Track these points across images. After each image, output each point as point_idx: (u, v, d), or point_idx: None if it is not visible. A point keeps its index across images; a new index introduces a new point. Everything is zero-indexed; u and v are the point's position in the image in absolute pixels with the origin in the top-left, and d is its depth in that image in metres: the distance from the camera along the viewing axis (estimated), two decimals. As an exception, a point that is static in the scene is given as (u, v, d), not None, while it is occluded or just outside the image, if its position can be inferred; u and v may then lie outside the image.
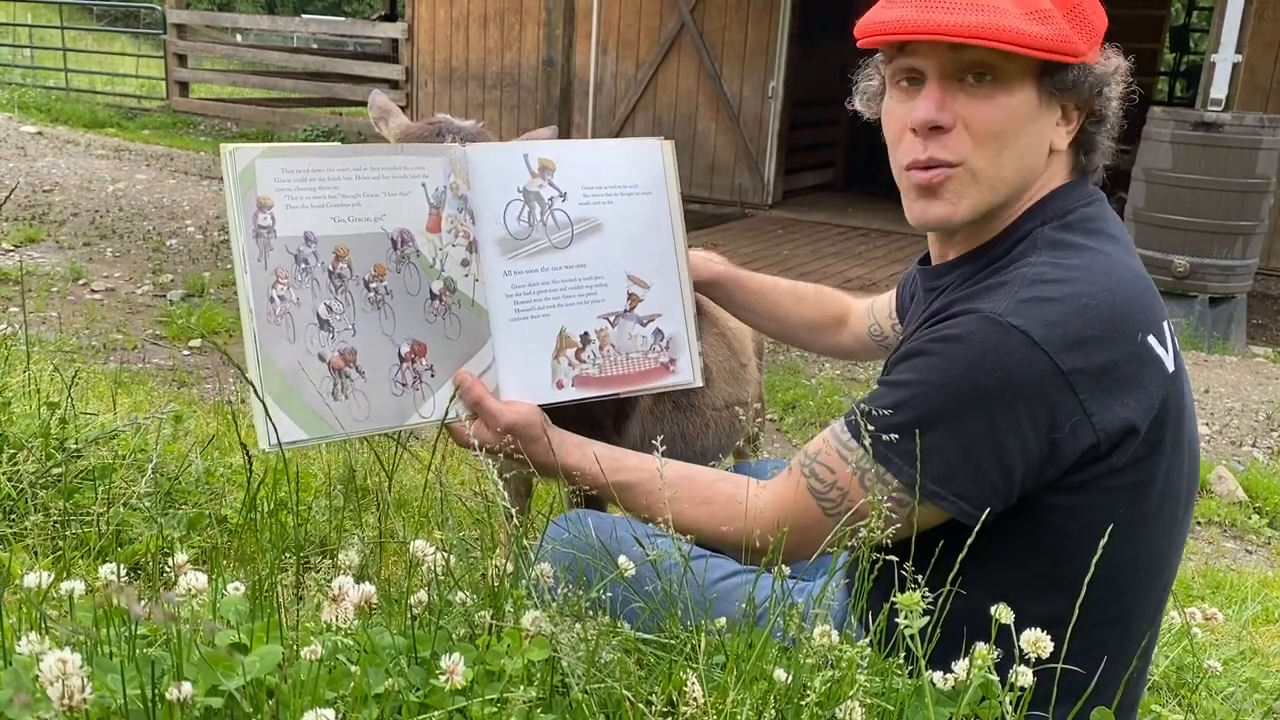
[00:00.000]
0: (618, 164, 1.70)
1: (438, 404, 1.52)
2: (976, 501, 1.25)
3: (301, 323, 1.41)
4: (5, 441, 2.11)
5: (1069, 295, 1.26)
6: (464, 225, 1.55)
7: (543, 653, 1.11)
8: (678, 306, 1.72)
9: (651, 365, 1.70)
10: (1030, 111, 1.32)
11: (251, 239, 1.38)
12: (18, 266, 6.34)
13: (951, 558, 1.19)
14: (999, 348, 1.23)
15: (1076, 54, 1.27)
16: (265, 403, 1.36)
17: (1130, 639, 1.38)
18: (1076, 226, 1.35)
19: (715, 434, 2.23)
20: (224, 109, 14.28)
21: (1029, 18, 1.25)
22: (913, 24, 1.27)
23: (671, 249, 1.72)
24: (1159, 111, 7.06)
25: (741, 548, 1.42)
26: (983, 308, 1.27)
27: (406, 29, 12.55)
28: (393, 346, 1.48)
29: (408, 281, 1.50)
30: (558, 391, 1.62)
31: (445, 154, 1.55)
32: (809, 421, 5.03)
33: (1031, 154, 1.35)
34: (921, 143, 1.34)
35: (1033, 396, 1.23)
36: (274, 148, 1.42)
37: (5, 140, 10.72)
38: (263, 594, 1.21)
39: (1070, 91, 1.30)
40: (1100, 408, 1.24)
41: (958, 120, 1.32)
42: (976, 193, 1.35)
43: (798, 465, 1.39)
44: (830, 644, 1.16)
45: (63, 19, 16.80)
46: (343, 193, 1.45)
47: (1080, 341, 1.23)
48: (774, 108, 10.70)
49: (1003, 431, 1.24)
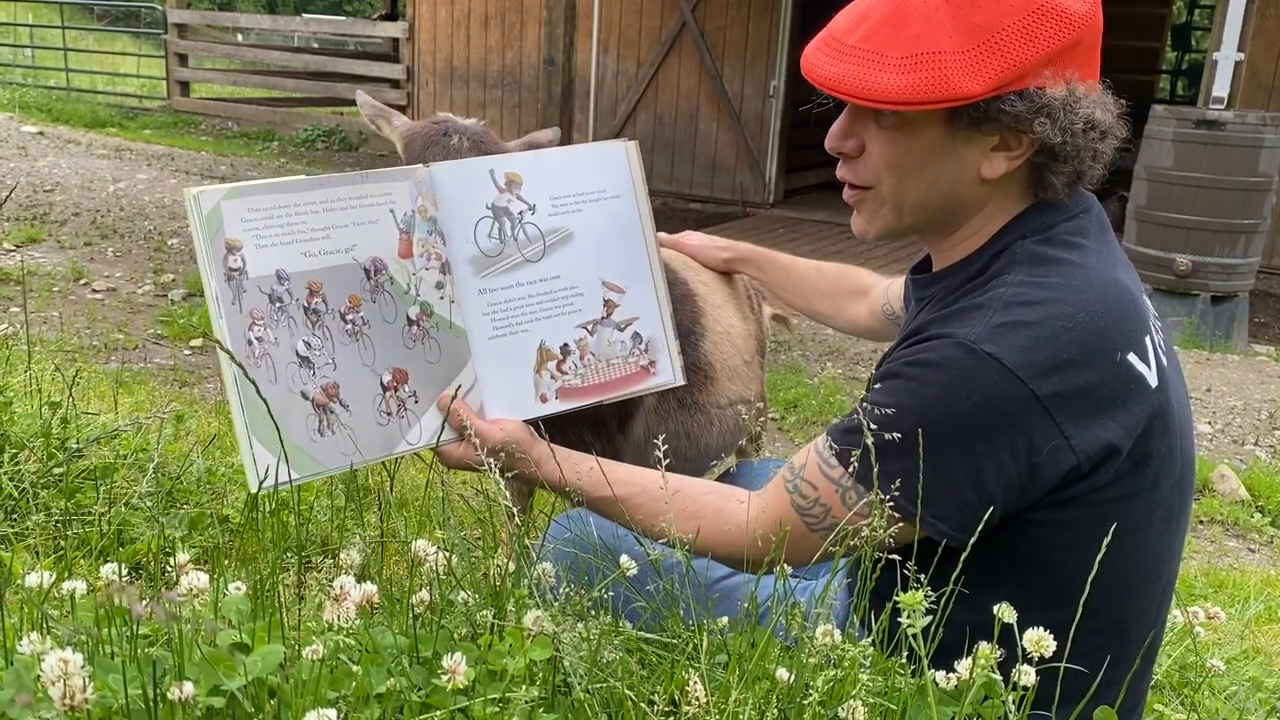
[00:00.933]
0: (584, 171, 1.69)
1: (424, 429, 1.52)
2: (956, 524, 1.26)
3: (282, 362, 1.41)
4: (7, 441, 2.11)
5: (1045, 319, 1.25)
6: (435, 247, 1.55)
7: (545, 652, 1.11)
8: (653, 307, 1.72)
9: (632, 369, 1.71)
10: (937, 145, 1.32)
11: (224, 282, 1.37)
12: (19, 266, 6.34)
13: (948, 566, 1.20)
14: (973, 376, 1.24)
15: (952, 98, 1.24)
16: (252, 445, 1.36)
17: (1130, 644, 1.38)
18: (1057, 240, 1.34)
19: (719, 432, 2.23)
20: (225, 108, 14.29)
21: (902, 64, 1.25)
22: (806, 65, 1.34)
23: (643, 250, 1.72)
24: (1161, 110, 7.05)
25: (729, 559, 1.43)
26: (957, 333, 1.27)
27: (407, 28, 12.55)
28: (374, 377, 1.48)
29: (384, 310, 1.50)
30: (542, 405, 1.62)
31: (410, 177, 1.55)
32: (810, 420, 5.03)
33: (946, 183, 1.35)
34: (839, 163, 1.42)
35: (1009, 424, 1.23)
36: (238, 188, 1.40)
37: (6, 140, 10.73)
38: (264, 594, 1.21)
39: (987, 124, 1.28)
40: (1079, 430, 1.24)
41: (864, 147, 1.37)
42: (886, 214, 1.40)
43: (782, 481, 1.39)
44: (833, 643, 1.15)
45: (64, 19, 16.80)
46: (311, 226, 1.44)
47: (1056, 366, 1.23)
48: (775, 106, 10.71)
49: (980, 457, 1.24)
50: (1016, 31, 1.24)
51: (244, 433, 1.35)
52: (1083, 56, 1.29)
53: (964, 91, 1.24)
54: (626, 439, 2.05)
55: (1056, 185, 1.33)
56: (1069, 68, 1.28)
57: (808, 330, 6.46)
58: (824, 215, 10.43)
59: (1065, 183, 1.33)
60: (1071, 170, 1.33)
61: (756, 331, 2.44)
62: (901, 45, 1.26)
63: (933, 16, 1.25)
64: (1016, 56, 1.24)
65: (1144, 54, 13.76)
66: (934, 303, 1.41)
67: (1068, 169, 1.32)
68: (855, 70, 1.27)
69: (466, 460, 1.51)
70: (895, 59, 1.25)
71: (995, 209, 1.37)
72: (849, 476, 1.30)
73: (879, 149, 1.35)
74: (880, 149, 1.35)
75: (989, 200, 1.37)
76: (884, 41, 1.27)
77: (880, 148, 1.35)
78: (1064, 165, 1.32)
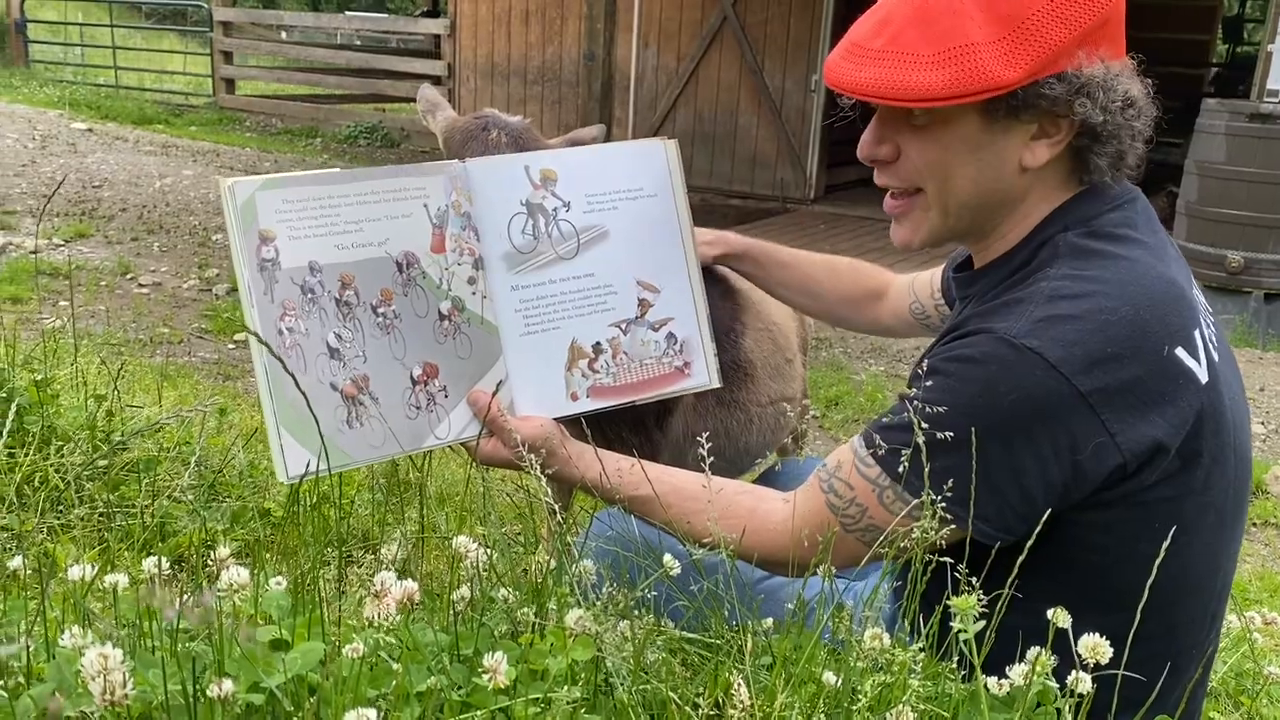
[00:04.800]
0: (621, 168, 1.67)
1: (453, 424, 1.51)
2: (998, 524, 1.23)
3: (312, 353, 1.40)
4: (54, 433, 2.13)
5: (1088, 312, 1.22)
6: (469, 242, 1.54)
7: (587, 652, 1.09)
8: (689, 308, 1.70)
9: (666, 370, 1.68)
10: (975, 139, 1.29)
11: (257, 273, 1.37)
12: (68, 261, 6.44)
13: (994, 569, 1.16)
14: (1014, 371, 1.21)
15: (990, 88, 1.22)
16: (280, 436, 1.36)
17: (1181, 650, 1.34)
18: (1102, 232, 1.30)
19: (759, 430, 2.20)
20: (269, 105, 14.43)
21: (934, 60, 1.23)
22: (831, 73, 1.31)
23: (680, 250, 1.70)
24: (1213, 103, 6.90)
25: (763, 561, 1.40)
26: (997, 328, 1.24)
27: (449, 25, 12.59)
28: (404, 370, 1.48)
29: (415, 304, 1.49)
30: (573, 404, 1.61)
31: (445, 172, 1.54)
32: (852, 419, 4.98)
33: (988, 177, 1.32)
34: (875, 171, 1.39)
35: (1051, 420, 1.20)
36: (273, 179, 1.40)
37: (56, 137, 10.91)
38: (304, 590, 1.21)
39: (1025, 111, 1.26)
40: (1124, 427, 1.20)
41: (899, 151, 1.34)
42: (933, 218, 1.37)
43: (817, 481, 1.37)
44: (881, 646, 1.12)
45: (112, 18, 17.06)
46: (345, 219, 1.44)
47: (1100, 360, 1.20)
48: (817, 101, 10.61)
49: (1021, 456, 1.21)
50: (1046, 15, 1.22)
51: (273, 423, 1.35)
52: (1111, 33, 1.27)
53: (1001, 80, 1.22)
54: (665, 436, 2.02)
55: (1101, 167, 1.30)
56: (1100, 46, 1.26)
57: (849, 327, 6.39)
58: (865, 211, 10.32)
59: (1109, 164, 1.31)
60: (1114, 151, 1.30)
61: (798, 328, 2.40)
62: (931, 42, 1.24)
63: (959, 10, 1.23)
64: (1050, 39, 1.22)
65: (1194, 46, 13.50)
66: (976, 300, 1.39)
67: (1110, 149, 1.29)
68: (887, 73, 1.25)
69: (496, 456, 1.50)
70: (926, 56, 1.23)
71: (1037, 199, 1.34)
72: (886, 475, 1.28)
73: (916, 150, 1.33)
74: (917, 150, 1.33)
75: (1031, 191, 1.34)
76: (912, 41, 1.25)
77: (917, 149, 1.33)
78: (1106, 146, 1.29)
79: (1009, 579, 1.16)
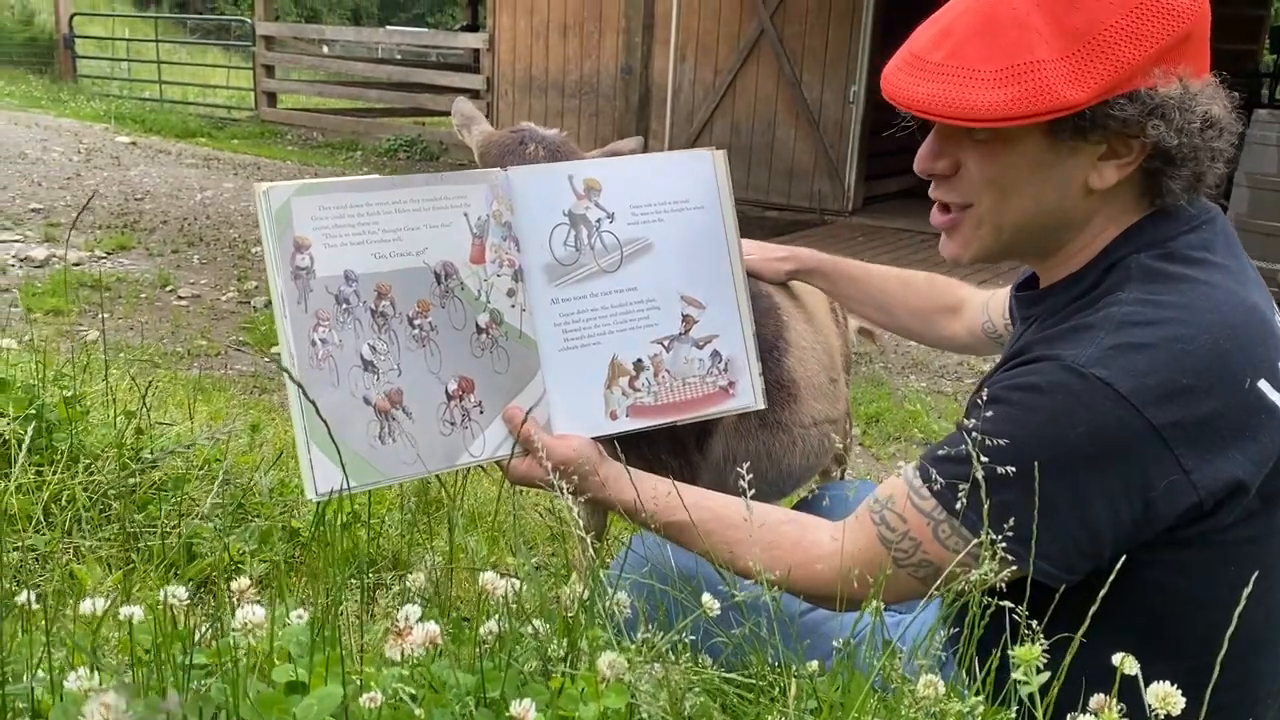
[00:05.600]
0: (667, 179, 1.62)
1: (488, 441, 1.46)
2: (1061, 564, 1.16)
3: (345, 366, 1.35)
4: (82, 451, 2.10)
5: (1163, 340, 1.14)
6: (509, 253, 1.49)
7: (620, 700, 1.03)
8: (735, 326, 1.63)
9: (710, 390, 1.62)
10: (1039, 158, 1.22)
11: (290, 281, 1.33)
12: (108, 273, 6.50)
13: (1049, 608, 1.09)
14: (1082, 403, 1.13)
15: (1056, 109, 1.14)
16: (310, 451, 1.31)
17: (1258, 702, 1.26)
18: (1178, 254, 1.22)
19: (803, 452, 2.12)
20: (310, 119, 14.56)
21: (997, 78, 1.15)
22: (889, 87, 1.25)
23: (727, 265, 1.64)
24: (1264, 114, 6.75)
25: (808, 594, 1.33)
26: (1065, 355, 1.16)
27: (488, 39, 12.64)
28: (439, 384, 1.42)
29: (452, 316, 1.44)
30: (612, 423, 1.55)
31: (487, 180, 1.49)
32: (893, 436, 4.88)
33: (1050, 198, 1.24)
34: (932, 184, 1.32)
35: (1121, 456, 1.12)
36: (309, 184, 1.36)
37: (101, 150, 11.06)
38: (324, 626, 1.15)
39: (1093, 132, 1.18)
40: (1201, 464, 1.12)
41: (959, 165, 1.27)
42: (985, 235, 1.30)
43: (868, 511, 1.29)
44: (936, 695, 1.05)
45: (158, 33, 17.32)
46: (383, 228, 1.39)
47: (1176, 393, 1.12)
48: (855, 112, 10.52)
49: (1088, 492, 1.14)
50: (1120, 31, 1.14)
51: (303, 438, 1.31)
52: (1193, 50, 1.19)
53: (1068, 100, 1.14)
54: (704, 458, 1.96)
55: (1175, 190, 1.22)
56: (1180, 63, 1.17)
57: (890, 341, 6.30)
58: (904, 223, 10.21)
59: (1184, 187, 1.22)
60: (1190, 173, 1.21)
61: (843, 346, 2.33)
62: (994, 58, 1.16)
63: (1025, 24, 1.15)
64: (1122, 58, 1.14)
65: (1240, 57, 13.25)
66: (1039, 322, 1.31)
67: (1185, 172, 1.21)
68: (947, 89, 1.18)
69: (532, 476, 1.44)
70: (989, 73, 1.16)
71: (1105, 221, 1.26)
72: (942, 509, 1.20)
73: (975, 166, 1.26)
74: (977, 165, 1.26)
75: (1097, 213, 1.26)
76: (975, 56, 1.18)
77: (977, 164, 1.26)
78: (1181, 169, 1.20)
79: (1075, 623, 1.08)
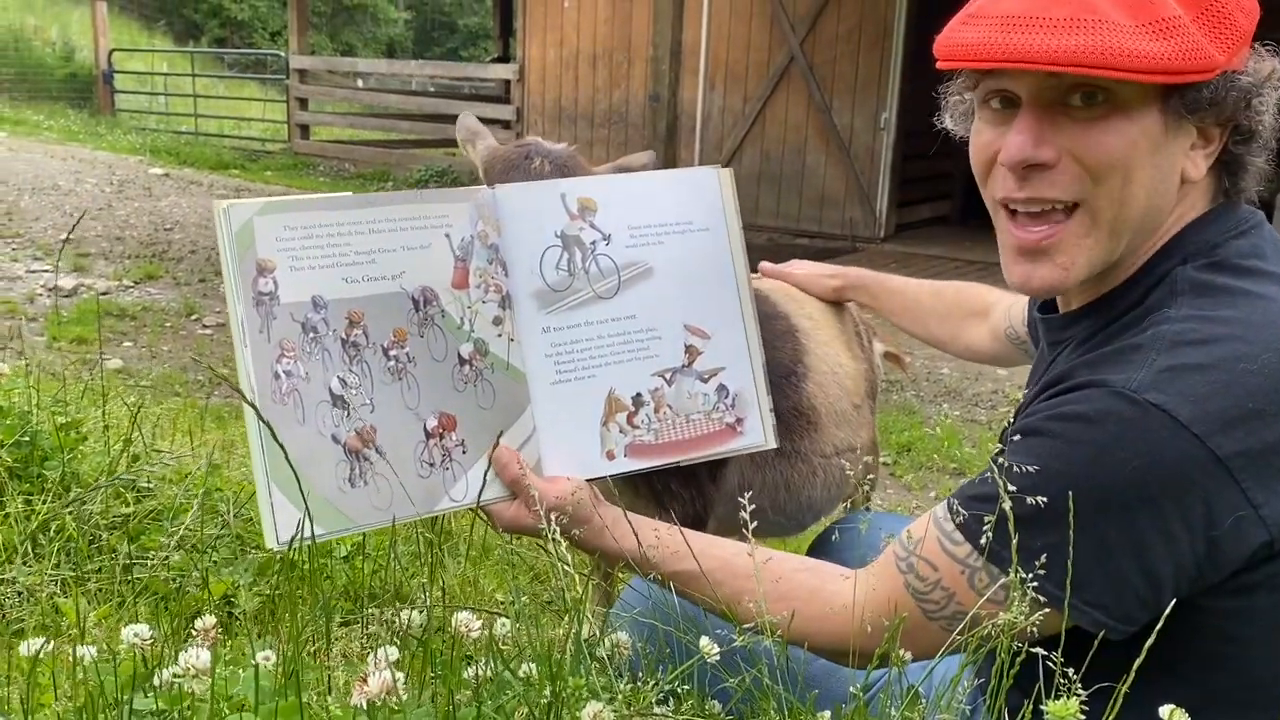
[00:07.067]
0: (669, 198, 1.49)
1: (471, 484, 1.32)
2: (1117, 613, 1.04)
3: (311, 401, 1.24)
4: (75, 480, 2.03)
5: (1222, 360, 1.03)
6: (495, 278, 1.37)
7: (605, 757, 0.92)
8: (743, 357, 1.50)
9: (716, 427, 1.48)
10: (1154, 139, 1.08)
11: (251, 308, 1.22)
12: (135, 302, 6.51)
13: (1103, 659, 0.98)
14: (1135, 432, 1.01)
15: (1210, 69, 1.03)
16: (271, 494, 1.19)
17: None
18: (1227, 264, 1.11)
19: (824, 483, 2.01)
20: (342, 150, 14.67)
21: (1147, 30, 1.01)
22: (997, 50, 1.05)
23: (734, 292, 1.50)
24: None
25: (828, 650, 1.21)
26: (1113, 380, 1.04)
27: (518, 70, 12.69)
28: (417, 421, 1.30)
29: (432, 346, 1.32)
30: (608, 463, 1.42)
31: (471, 198, 1.38)
32: (924, 465, 4.75)
33: (1158, 190, 1.11)
34: (1016, 180, 1.13)
35: (1182, 491, 1.00)
36: (273, 202, 1.26)
37: (133, 181, 11.18)
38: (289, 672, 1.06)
39: (1208, 110, 1.07)
40: (1271, 497, 1.01)
41: (1062, 153, 1.10)
42: (1095, 244, 1.12)
43: (893, 558, 1.17)
44: (961, 755, 0.94)
45: (194, 68, 17.58)
46: (355, 249, 1.29)
47: (1240, 419, 1.00)
48: (886, 139, 10.42)
49: (1146, 532, 1.02)
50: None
51: (263, 479, 1.19)
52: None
53: (1216, 61, 1.03)
54: (719, 490, 1.85)
55: (1246, 186, 1.12)
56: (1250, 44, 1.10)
57: (921, 369, 6.16)
58: (938, 250, 10.06)
59: (1253, 180, 1.13)
60: (1258, 166, 1.12)
61: (867, 371, 2.22)
62: (1131, 11, 1.02)
63: None
64: (1240, 27, 1.06)
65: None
66: (1076, 345, 1.19)
67: (1259, 161, 1.11)
68: (1096, 39, 1.01)
69: (521, 522, 1.31)
70: (1134, 26, 1.02)
71: (1175, 221, 1.15)
72: (978, 554, 1.08)
73: (1094, 146, 1.08)
74: (1096, 146, 1.08)
75: (1171, 213, 1.14)
76: (1108, 8, 1.02)
77: (1095, 144, 1.08)
78: (1258, 157, 1.11)
79: (1118, 669, 0.97)
